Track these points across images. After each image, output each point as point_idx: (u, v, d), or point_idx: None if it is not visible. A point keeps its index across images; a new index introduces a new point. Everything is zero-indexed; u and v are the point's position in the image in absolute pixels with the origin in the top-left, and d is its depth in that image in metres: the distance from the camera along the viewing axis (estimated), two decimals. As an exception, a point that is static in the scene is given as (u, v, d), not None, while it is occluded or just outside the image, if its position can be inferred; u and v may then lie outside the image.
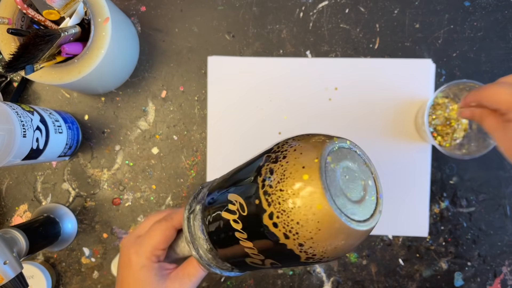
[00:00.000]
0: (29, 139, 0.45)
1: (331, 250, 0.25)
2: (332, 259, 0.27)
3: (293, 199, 0.24)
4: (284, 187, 0.25)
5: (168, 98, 0.58)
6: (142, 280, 0.36)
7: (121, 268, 0.38)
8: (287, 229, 0.25)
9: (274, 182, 0.25)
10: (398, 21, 0.57)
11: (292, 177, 0.25)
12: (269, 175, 0.26)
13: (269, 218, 0.25)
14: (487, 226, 0.57)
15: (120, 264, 0.38)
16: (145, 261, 0.36)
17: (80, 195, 0.59)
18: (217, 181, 0.33)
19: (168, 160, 0.58)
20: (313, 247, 0.25)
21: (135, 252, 0.37)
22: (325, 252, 0.26)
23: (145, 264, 0.36)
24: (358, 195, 0.26)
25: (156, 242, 0.37)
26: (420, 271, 0.57)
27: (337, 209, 0.24)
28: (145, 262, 0.36)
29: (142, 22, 0.58)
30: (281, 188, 0.25)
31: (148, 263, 0.36)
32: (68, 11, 0.47)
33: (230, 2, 0.58)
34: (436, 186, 0.57)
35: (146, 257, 0.37)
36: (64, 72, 0.47)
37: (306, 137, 0.27)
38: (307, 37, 0.57)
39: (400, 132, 0.57)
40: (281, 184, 0.25)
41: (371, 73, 0.57)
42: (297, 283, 0.58)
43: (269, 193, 0.25)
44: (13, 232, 0.48)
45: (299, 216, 0.24)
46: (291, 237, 0.25)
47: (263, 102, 0.58)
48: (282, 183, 0.25)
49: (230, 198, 0.29)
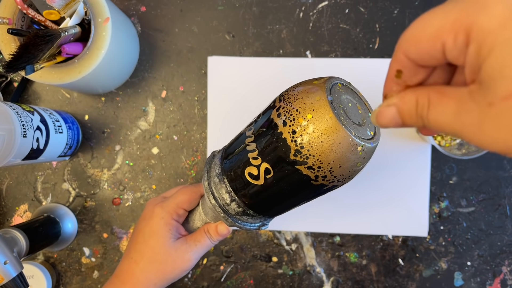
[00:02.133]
0: (29, 139, 0.45)
1: (319, 148, 0.28)
2: (317, 168, 0.29)
3: (299, 94, 0.29)
4: (295, 87, 0.30)
5: (168, 98, 0.58)
6: (156, 230, 0.40)
7: (140, 221, 0.42)
8: (287, 115, 0.29)
9: (290, 89, 0.30)
10: (398, 21, 0.57)
11: (304, 83, 0.30)
12: (288, 88, 0.31)
13: (276, 111, 0.30)
14: (486, 226, 0.57)
15: (141, 217, 0.42)
16: (165, 215, 0.40)
17: (80, 195, 0.59)
18: None
19: (168, 160, 0.58)
20: (303, 136, 0.28)
21: (160, 206, 0.41)
22: (313, 147, 0.28)
23: (164, 217, 0.40)
24: (357, 119, 0.29)
25: (181, 200, 0.41)
26: (420, 271, 0.57)
27: (332, 107, 0.28)
28: (165, 215, 0.40)
29: (142, 22, 0.58)
30: (293, 89, 0.30)
31: (167, 216, 0.40)
32: (68, 11, 0.47)
33: (230, 2, 0.58)
34: (436, 186, 0.57)
35: (168, 212, 0.40)
36: (64, 72, 0.47)
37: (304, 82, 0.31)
38: (307, 37, 0.57)
39: (400, 132, 0.57)
40: (294, 88, 0.30)
41: (371, 73, 0.57)
42: (297, 283, 0.58)
43: (282, 95, 0.31)
44: (13, 232, 0.48)
45: (299, 104, 0.28)
46: (288, 123, 0.28)
47: (263, 102, 0.58)
48: (295, 88, 0.30)
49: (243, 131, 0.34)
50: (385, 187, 0.57)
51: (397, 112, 0.23)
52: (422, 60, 0.21)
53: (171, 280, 0.40)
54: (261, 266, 0.58)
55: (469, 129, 0.19)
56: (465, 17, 0.18)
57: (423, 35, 0.20)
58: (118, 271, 0.41)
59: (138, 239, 0.41)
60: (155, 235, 0.39)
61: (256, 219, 0.36)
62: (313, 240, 0.58)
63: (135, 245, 0.40)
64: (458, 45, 0.19)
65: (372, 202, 0.57)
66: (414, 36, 0.21)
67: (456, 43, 0.19)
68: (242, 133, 0.34)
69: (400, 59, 0.22)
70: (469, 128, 0.19)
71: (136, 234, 0.41)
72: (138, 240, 0.40)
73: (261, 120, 0.31)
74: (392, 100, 0.23)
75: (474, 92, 0.19)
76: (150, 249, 0.39)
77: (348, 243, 0.58)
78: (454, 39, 0.19)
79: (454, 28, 0.18)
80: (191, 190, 0.41)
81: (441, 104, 0.20)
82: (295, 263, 0.58)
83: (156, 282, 0.39)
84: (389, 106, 0.23)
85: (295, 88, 0.30)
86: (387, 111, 0.23)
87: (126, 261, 0.41)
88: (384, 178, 0.57)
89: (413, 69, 0.22)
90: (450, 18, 0.19)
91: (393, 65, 0.23)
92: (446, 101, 0.20)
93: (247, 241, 0.58)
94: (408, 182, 0.57)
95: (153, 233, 0.40)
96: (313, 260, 0.58)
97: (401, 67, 0.22)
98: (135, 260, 0.40)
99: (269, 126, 0.30)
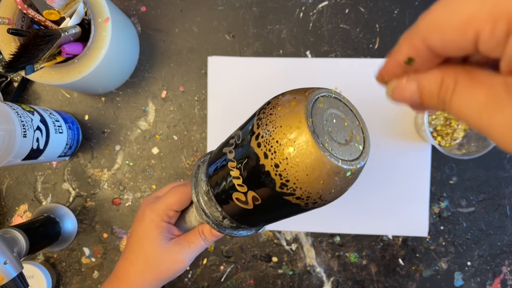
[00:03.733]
0: (29, 139, 0.45)
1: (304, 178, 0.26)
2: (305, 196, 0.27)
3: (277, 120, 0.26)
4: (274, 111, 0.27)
5: (168, 98, 0.58)
6: (147, 232, 0.40)
7: (135, 221, 0.42)
8: (267, 147, 0.26)
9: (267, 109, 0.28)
10: (398, 21, 0.57)
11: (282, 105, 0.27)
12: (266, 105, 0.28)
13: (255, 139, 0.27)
14: (487, 226, 0.57)
15: (136, 218, 0.42)
16: (155, 217, 0.40)
17: (80, 195, 0.59)
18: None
19: (168, 160, 0.58)
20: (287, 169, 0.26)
21: (150, 208, 0.40)
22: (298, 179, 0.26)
23: (154, 219, 0.40)
24: (343, 137, 0.27)
25: (171, 202, 0.40)
26: (420, 271, 0.57)
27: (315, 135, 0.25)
28: (155, 218, 0.40)
29: (142, 22, 0.58)
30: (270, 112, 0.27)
31: (157, 219, 0.40)
32: (68, 11, 0.47)
33: (230, 2, 0.58)
34: (436, 186, 0.57)
35: (158, 214, 0.40)
36: (64, 72, 0.47)
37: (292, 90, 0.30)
38: (307, 37, 0.57)
39: (400, 132, 0.57)
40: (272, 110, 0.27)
41: (371, 73, 0.57)
42: (297, 283, 0.58)
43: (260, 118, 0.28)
44: (13, 232, 0.48)
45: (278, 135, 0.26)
46: (269, 157, 0.26)
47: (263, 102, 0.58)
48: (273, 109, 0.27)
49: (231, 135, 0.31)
50: (385, 187, 0.57)
51: (417, 89, 0.20)
52: (445, 50, 0.18)
53: (166, 280, 0.41)
54: (261, 266, 0.58)
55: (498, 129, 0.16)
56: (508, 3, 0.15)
57: (452, 22, 0.17)
58: (115, 270, 0.42)
59: (132, 240, 0.41)
60: (147, 237, 0.40)
61: (251, 229, 0.36)
62: (313, 240, 0.58)
63: (130, 246, 0.41)
64: (496, 36, 0.16)
65: (372, 202, 0.57)
66: (439, 22, 0.17)
67: (494, 33, 0.16)
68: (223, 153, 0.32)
69: (416, 45, 0.19)
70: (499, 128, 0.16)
71: (130, 235, 0.42)
72: (132, 241, 0.41)
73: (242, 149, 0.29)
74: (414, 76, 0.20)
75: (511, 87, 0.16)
76: (143, 251, 0.40)
77: (348, 243, 0.58)
78: (492, 29, 0.16)
79: (492, 15, 0.16)
80: (181, 191, 0.40)
81: (469, 90, 0.17)
82: (295, 263, 0.58)
83: (152, 282, 0.40)
84: (409, 81, 0.20)
85: (273, 110, 0.27)
86: (406, 86, 0.20)
87: (122, 261, 0.41)
88: (384, 178, 0.57)
89: (429, 58, 0.19)
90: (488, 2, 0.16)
91: (405, 49, 0.19)
92: (476, 88, 0.17)
93: (247, 241, 0.58)
94: (408, 182, 0.57)
95: (145, 235, 0.40)
96: (313, 260, 0.58)
97: (414, 54, 0.19)
98: (130, 261, 0.40)
99: (250, 156, 0.28)
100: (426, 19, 0.18)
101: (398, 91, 0.21)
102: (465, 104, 0.18)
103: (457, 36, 0.17)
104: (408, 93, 0.20)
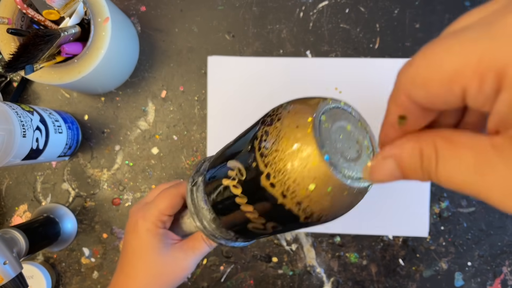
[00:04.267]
0: (29, 139, 0.45)
1: (328, 207, 0.25)
2: (331, 219, 0.27)
3: (288, 158, 0.25)
4: (279, 147, 0.25)
5: (168, 98, 0.58)
6: (145, 243, 0.37)
7: (127, 233, 0.39)
8: (284, 188, 0.25)
9: (269, 143, 0.26)
10: (398, 21, 0.57)
11: (286, 137, 0.25)
12: (265, 137, 0.26)
13: (266, 178, 0.26)
14: (487, 226, 0.57)
15: (127, 229, 0.39)
16: (150, 225, 0.37)
17: (80, 195, 0.59)
18: (218, 153, 0.34)
19: (168, 160, 0.58)
20: (310, 205, 0.25)
21: (142, 216, 0.38)
22: (323, 210, 0.26)
23: (149, 228, 0.37)
24: (353, 153, 0.26)
25: (162, 207, 0.38)
26: (420, 271, 0.57)
27: (332, 165, 0.24)
28: (150, 226, 0.37)
29: (142, 22, 0.58)
30: (276, 149, 0.25)
31: (152, 227, 0.37)
32: (68, 11, 0.47)
33: (230, 2, 0.58)
34: (436, 186, 0.57)
35: (152, 222, 0.37)
36: (64, 72, 0.47)
37: (301, 100, 0.28)
38: (307, 37, 0.57)
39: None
40: (276, 145, 0.25)
41: (371, 73, 0.57)
42: (297, 283, 0.58)
43: (265, 155, 0.26)
44: (13, 232, 0.48)
45: (295, 175, 0.24)
46: (288, 196, 0.25)
47: (263, 102, 0.58)
48: (277, 143, 0.25)
49: (229, 165, 0.29)
50: (386, 187, 0.57)
51: (397, 166, 0.18)
52: (434, 105, 0.16)
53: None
54: (261, 266, 0.58)
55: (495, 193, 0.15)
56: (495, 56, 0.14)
57: (436, 77, 0.15)
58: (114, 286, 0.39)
59: (128, 253, 0.38)
60: (146, 249, 0.37)
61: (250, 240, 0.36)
62: (313, 240, 0.58)
63: (128, 260, 0.38)
64: (485, 92, 0.14)
65: (372, 202, 0.57)
66: (422, 77, 0.16)
67: (482, 89, 0.14)
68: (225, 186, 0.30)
69: (402, 102, 0.17)
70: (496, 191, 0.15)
71: (125, 247, 0.39)
72: (128, 255, 0.38)
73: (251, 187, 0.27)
74: (389, 151, 0.18)
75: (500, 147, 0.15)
76: (144, 263, 0.37)
77: (349, 243, 0.58)
78: (479, 84, 0.14)
79: (479, 70, 0.14)
80: (171, 194, 0.38)
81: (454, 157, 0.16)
82: (295, 264, 0.58)
83: None
84: (385, 158, 0.18)
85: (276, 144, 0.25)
86: (383, 165, 0.18)
87: (122, 277, 0.38)
88: (385, 178, 0.57)
89: (420, 113, 0.17)
90: (474, 56, 0.14)
91: (393, 109, 0.18)
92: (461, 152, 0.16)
93: (247, 241, 0.58)
94: (409, 182, 0.57)
95: (143, 246, 0.37)
96: (313, 260, 0.58)
97: (404, 112, 0.18)
98: (130, 276, 0.38)
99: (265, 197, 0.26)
100: (408, 73, 0.16)
101: (376, 172, 0.19)
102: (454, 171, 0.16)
103: (443, 92, 0.15)
104: (387, 171, 0.19)
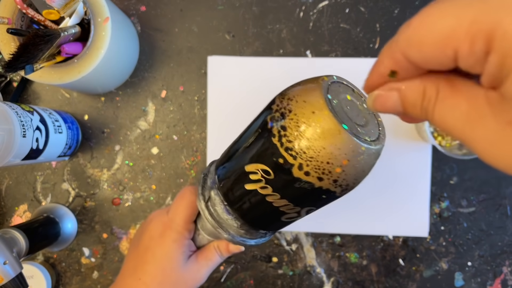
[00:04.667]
0: (29, 139, 0.45)
1: (360, 174, 0.27)
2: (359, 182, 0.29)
3: (316, 143, 0.26)
4: (304, 135, 0.26)
5: (168, 98, 0.58)
6: (170, 254, 0.38)
7: (146, 237, 0.39)
8: (319, 172, 0.26)
9: (292, 136, 0.26)
10: (398, 21, 0.57)
11: (307, 124, 0.26)
12: (284, 132, 0.27)
13: (299, 169, 0.27)
14: (487, 226, 0.56)
15: (148, 232, 0.39)
16: (177, 236, 0.38)
17: (80, 195, 0.59)
18: (222, 162, 0.34)
19: (168, 160, 0.58)
20: (346, 178, 0.27)
21: (170, 228, 0.38)
22: (356, 178, 0.27)
23: (177, 239, 0.38)
24: (362, 120, 0.28)
25: (187, 215, 0.38)
26: (421, 271, 0.57)
27: (355, 137, 0.26)
28: (177, 237, 0.38)
29: (142, 22, 0.58)
30: (301, 138, 0.26)
31: (180, 238, 0.38)
32: (68, 11, 0.47)
33: (230, 2, 0.58)
34: (436, 186, 0.57)
35: (179, 232, 0.38)
36: (64, 72, 0.47)
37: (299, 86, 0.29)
38: (307, 37, 0.57)
39: (401, 132, 0.57)
40: (300, 135, 0.26)
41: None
42: (297, 284, 0.58)
43: (291, 148, 0.26)
44: (13, 232, 0.48)
45: (327, 157, 0.26)
46: (325, 178, 0.26)
47: (263, 102, 0.58)
48: (300, 133, 0.26)
49: (248, 169, 0.29)
50: (386, 187, 0.57)
51: (400, 99, 0.19)
52: (426, 65, 0.18)
53: None
54: (261, 266, 0.58)
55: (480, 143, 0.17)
56: (486, 19, 0.15)
57: (430, 38, 0.16)
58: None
59: (147, 258, 0.38)
60: (168, 258, 0.37)
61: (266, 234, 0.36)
62: (313, 240, 0.58)
63: (143, 265, 0.38)
64: (475, 54, 0.15)
65: (373, 202, 0.57)
66: (417, 38, 0.17)
67: (472, 51, 0.15)
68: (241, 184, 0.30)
69: (397, 59, 0.19)
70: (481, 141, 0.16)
71: (143, 252, 0.38)
72: (147, 259, 0.38)
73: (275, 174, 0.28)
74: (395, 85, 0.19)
75: (493, 101, 0.16)
76: (162, 271, 0.37)
77: (349, 243, 0.58)
78: (470, 46, 0.15)
79: (470, 32, 0.15)
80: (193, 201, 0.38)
81: (451, 100, 0.17)
82: (295, 264, 0.58)
83: None
84: (391, 90, 0.20)
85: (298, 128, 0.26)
86: (387, 96, 0.20)
87: (134, 282, 0.38)
88: (385, 178, 0.57)
89: (412, 70, 0.19)
90: (466, 19, 0.15)
91: (386, 62, 0.19)
92: (458, 99, 0.17)
93: (247, 241, 0.58)
94: (409, 182, 0.57)
95: (166, 255, 0.37)
96: (313, 260, 0.58)
97: (396, 67, 0.19)
98: (144, 282, 0.37)
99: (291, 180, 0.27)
100: (405, 33, 0.18)
101: (380, 101, 0.20)
102: (448, 115, 0.17)
103: (436, 53, 0.16)
104: (390, 103, 0.20)
